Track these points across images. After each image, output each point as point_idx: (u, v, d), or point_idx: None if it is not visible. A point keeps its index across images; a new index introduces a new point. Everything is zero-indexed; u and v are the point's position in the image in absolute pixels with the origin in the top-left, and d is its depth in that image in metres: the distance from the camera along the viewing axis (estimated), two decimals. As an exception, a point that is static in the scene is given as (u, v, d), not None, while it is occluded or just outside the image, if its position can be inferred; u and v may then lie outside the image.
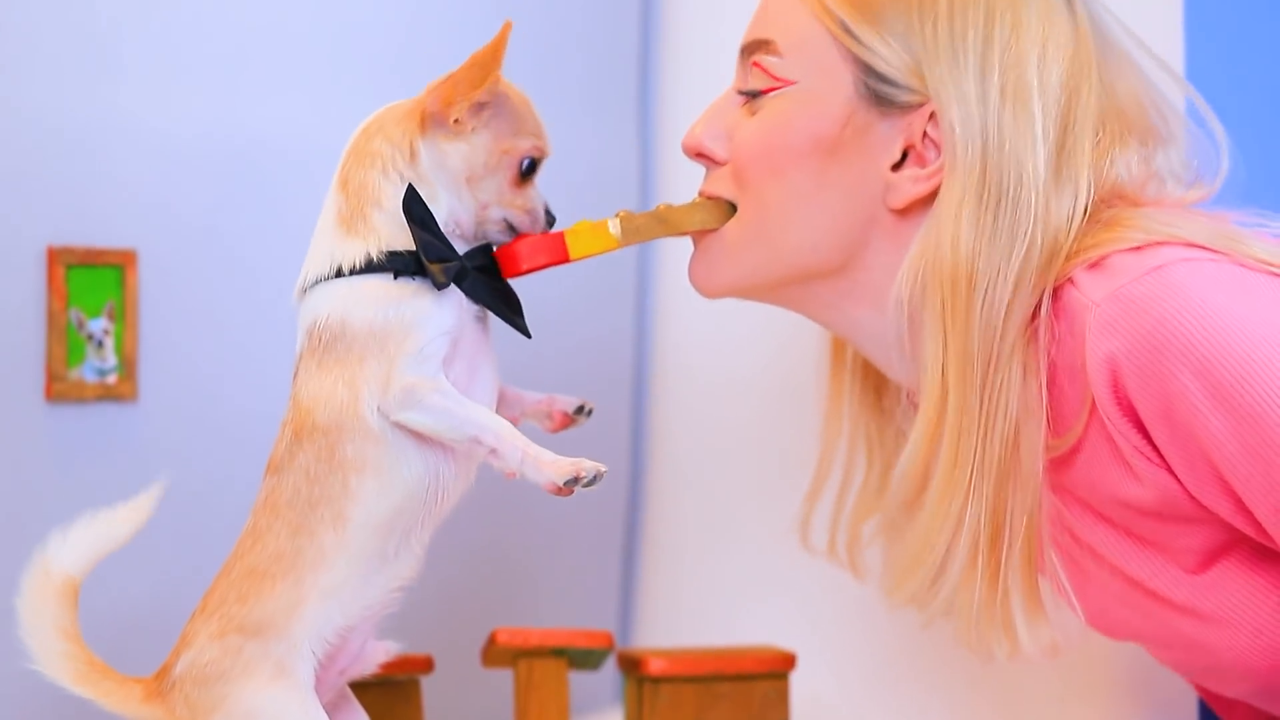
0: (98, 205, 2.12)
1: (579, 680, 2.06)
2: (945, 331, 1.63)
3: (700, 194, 1.77)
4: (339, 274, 1.69)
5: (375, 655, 1.75)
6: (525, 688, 1.94)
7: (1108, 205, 1.66)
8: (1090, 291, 1.59)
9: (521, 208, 1.72)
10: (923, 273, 1.64)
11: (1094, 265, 1.60)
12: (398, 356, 1.64)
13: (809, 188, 1.70)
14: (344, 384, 1.66)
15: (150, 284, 2.13)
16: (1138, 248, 1.59)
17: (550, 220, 1.74)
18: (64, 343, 2.07)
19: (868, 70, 1.67)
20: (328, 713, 1.69)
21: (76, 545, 1.71)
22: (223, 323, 2.19)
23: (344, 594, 1.68)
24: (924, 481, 1.67)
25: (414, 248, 1.66)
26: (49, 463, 2.07)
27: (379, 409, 1.64)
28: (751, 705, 1.99)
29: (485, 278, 1.69)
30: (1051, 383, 1.62)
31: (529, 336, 1.72)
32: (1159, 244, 1.58)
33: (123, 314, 2.11)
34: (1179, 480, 1.58)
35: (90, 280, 2.10)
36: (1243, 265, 1.57)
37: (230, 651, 1.67)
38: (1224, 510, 1.57)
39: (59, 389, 2.07)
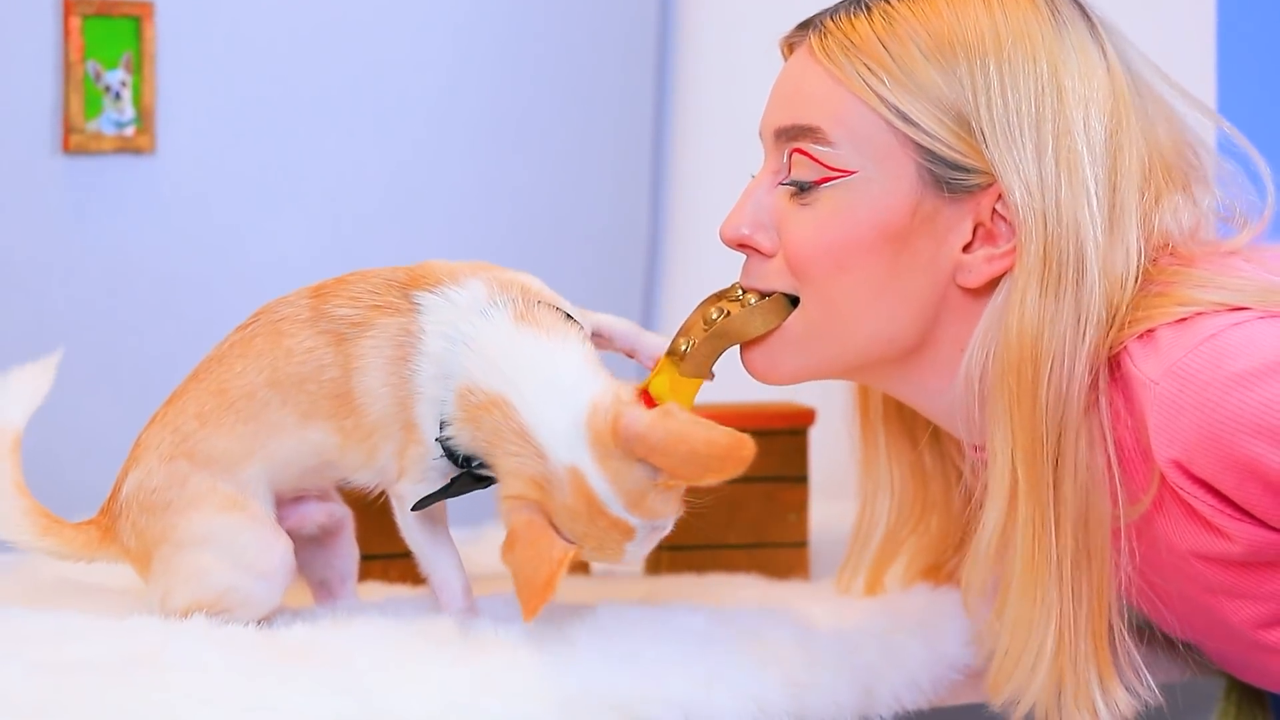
0: (113, -46, 2.10)
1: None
2: (1012, 420, 1.59)
3: (743, 287, 1.69)
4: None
5: (314, 516, 1.69)
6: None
7: (1157, 264, 1.62)
8: (1146, 368, 1.56)
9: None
10: (992, 350, 1.61)
11: (1143, 338, 1.58)
12: (416, 448, 1.60)
13: (880, 280, 1.64)
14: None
15: (167, 36, 2.11)
16: (1182, 320, 1.56)
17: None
18: (81, 95, 2.06)
19: (930, 155, 1.61)
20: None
21: (18, 398, 1.63)
22: (240, 75, 2.18)
23: (291, 469, 1.63)
24: (1001, 558, 1.64)
25: None
26: (67, 215, 2.07)
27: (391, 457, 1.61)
28: (771, 461, 2.00)
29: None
30: (1118, 452, 1.60)
31: None
32: (1201, 315, 1.56)
33: (140, 66, 2.10)
34: (1269, 527, 1.57)
35: (107, 31, 2.08)
36: None
37: (177, 480, 1.61)
38: None
39: (76, 141, 2.06)
